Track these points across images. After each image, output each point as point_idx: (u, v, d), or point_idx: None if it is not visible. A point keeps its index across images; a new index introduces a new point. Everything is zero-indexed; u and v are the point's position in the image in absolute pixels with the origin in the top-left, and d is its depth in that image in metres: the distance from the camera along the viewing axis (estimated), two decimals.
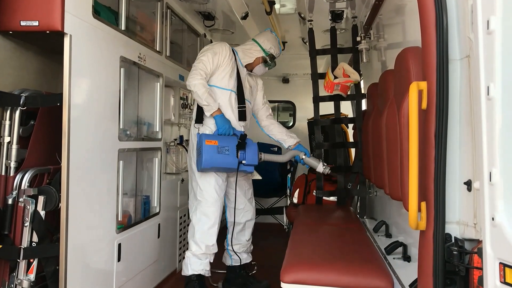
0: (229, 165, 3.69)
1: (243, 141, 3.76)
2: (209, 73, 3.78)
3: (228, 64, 3.88)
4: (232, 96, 3.91)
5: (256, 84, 4.30)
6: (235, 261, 4.22)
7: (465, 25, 1.79)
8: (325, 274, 2.54)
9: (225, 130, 3.75)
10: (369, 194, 4.55)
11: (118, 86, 3.29)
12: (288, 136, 4.26)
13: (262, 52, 4.09)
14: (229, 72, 3.89)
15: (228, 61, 3.87)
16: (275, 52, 4.16)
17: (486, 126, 1.53)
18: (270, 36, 4.18)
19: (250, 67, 4.13)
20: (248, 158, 3.73)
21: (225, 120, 3.79)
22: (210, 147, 3.60)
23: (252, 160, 3.75)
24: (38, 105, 2.78)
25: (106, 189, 3.16)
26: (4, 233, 2.65)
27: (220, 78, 3.86)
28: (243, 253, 4.25)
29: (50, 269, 2.73)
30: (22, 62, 2.94)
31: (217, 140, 3.65)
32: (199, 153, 3.64)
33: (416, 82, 1.88)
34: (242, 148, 3.71)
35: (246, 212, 4.23)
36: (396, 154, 2.54)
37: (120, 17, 3.44)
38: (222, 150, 3.63)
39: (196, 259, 3.78)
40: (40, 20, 2.57)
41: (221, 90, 3.88)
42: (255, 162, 3.77)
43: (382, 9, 3.70)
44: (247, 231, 4.27)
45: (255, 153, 3.78)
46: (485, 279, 1.53)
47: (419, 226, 1.88)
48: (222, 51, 3.84)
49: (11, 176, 2.71)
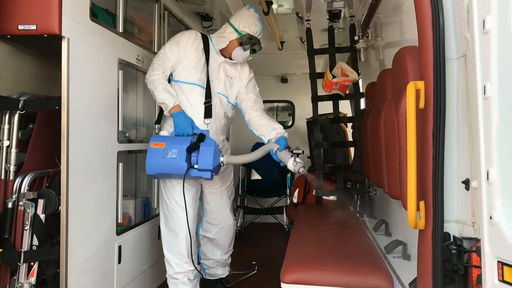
0: (175, 171, 3.12)
1: (198, 142, 3.15)
2: (169, 67, 3.34)
3: (191, 54, 3.39)
4: (196, 90, 3.38)
5: (240, 73, 3.62)
6: (210, 275, 3.88)
7: (462, 24, 1.79)
8: (325, 274, 2.55)
9: (181, 130, 3.23)
10: (369, 193, 4.55)
11: (117, 88, 3.29)
12: (270, 128, 3.47)
13: (235, 33, 3.43)
14: (192, 63, 3.38)
15: (192, 50, 3.38)
16: (252, 30, 3.43)
17: (483, 125, 1.54)
18: (244, 13, 3.49)
19: (227, 53, 3.51)
20: (201, 162, 3.12)
21: (185, 118, 3.26)
22: (154, 150, 3.13)
23: (206, 164, 3.11)
24: (36, 108, 2.79)
25: (105, 192, 3.17)
26: (4, 237, 2.66)
27: (183, 71, 3.39)
28: (218, 267, 3.87)
29: (50, 272, 2.73)
30: (20, 65, 2.94)
31: (165, 142, 3.16)
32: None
33: (414, 81, 1.89)
34: (194, 150, 3.13)
35: (220, 228, 3.74)
36: (394, 153, 2.55)
37: (117, 19, 3.44)
38: (168, 153, 3.11)
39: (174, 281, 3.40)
40: (38, 24, 2.58)
41: (184, 84, 3.39)
42: (209, 167, 3.12)
43: (379, 8, 3.70)
44: (222, 247, 3.80)
45: (210, 156, 3.13)
46: (484, 277, 1.54)
47: (418, 225, 1.89)
48: (184, 40, 3.38)
49: (10, 180, 2.71)
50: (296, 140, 7.37)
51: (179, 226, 3.34)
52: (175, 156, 3.10)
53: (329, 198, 4.87)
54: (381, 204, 4.13)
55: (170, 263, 3.40)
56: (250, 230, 6.63)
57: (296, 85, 7.62)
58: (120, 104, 3.32)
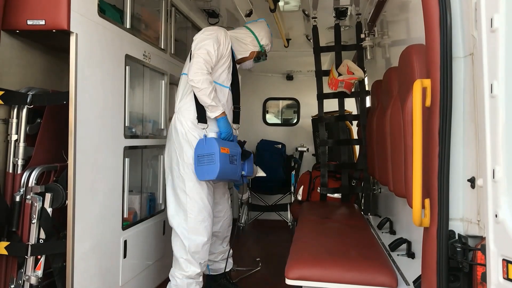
0: (233, 177, 3.24)
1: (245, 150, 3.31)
2: (213, 67, 3.25)
3: (229, 57, 3.38)
4: (229, 95, 3.46)
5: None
6: (214, 271, 3.85)
7: (469, 23, 1.79)
8: (330, 270, 2.56)
9: (227, 134, 3.28)
10: (373, 191, 4.56)
11: (124, 84, 3.31)
12: None
13: (258, 46, 3.61)
14: (228, 66, 3.39)
15: (228, 52, 3.37)
16: (269, 47, 3.70)
17: (490, 123, 1.54)
18: (267, 30, 3.68)
19: (240, 60, 3.66)
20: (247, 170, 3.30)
21: (228, 122, 3.33)
22: (224, 156, 3.12)
23: (250, 172, 3.33)
24: (44, 103, 2.81)
25: (112, 186, 3.19)
26: (12, 230, 2.69)
27: (220, 73, 3.35)
28: (221, 262, 3.84)
29: (57, 265, 2.76)
30: (29, 60, 2.96)
31: (228, 148, 3.18)
32: (210, 161, 3.13)
33: (420, 79, 1.89)
34: (245, 157, 3.29)
35: (224, 220, 3.80)
36: (400, 151, 2.56)
37: (125, 15, 3.45)
38: (232, 159, 3.19)
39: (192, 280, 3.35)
40: (47, 19, 2.59)
41: (221, 87, 3.38)
42: (250, 174, 3.36)
43: (386, 6, 3.70)
44: (225, 239, 3.87)
45: (251, 164, 3.38)
46: (489, 275, 1.54)
47: (423, 223, 1.89)
48: (225, 40, 3.32)
49: (18, 173, 2.74)
50: (301, 137, 7.39)
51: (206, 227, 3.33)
52: (237, 164, 3.24)
53: (334, 196, 4.88)
54: (386, 202, 4.14)
55: (192, 263, 3.31)
56: (254, 227, 6.65)
57: (302, 83, 7.62)
58: (127, 100, 3.34)
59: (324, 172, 4.75)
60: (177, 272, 3.36)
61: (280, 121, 8.17)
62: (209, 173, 3.14)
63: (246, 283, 4.29)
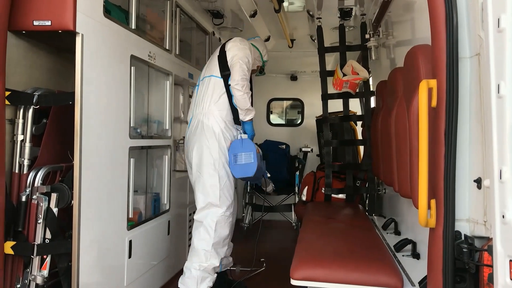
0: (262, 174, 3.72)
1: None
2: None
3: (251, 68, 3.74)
4: None
5: None
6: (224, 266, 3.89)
7: (475, 23, 1.79)
8: (335, 271, 2.55)
9: (253, 136, 3.69)
10: (378, 191, 4.55)
11: (129, 84, 3.32)
12: None
13: (261, 62, 4.00)
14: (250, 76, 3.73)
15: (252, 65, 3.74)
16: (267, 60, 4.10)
17: (497, 124, 1.53)
18: (264, 44, 4.12)
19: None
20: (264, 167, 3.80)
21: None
22: (259, 155, 3.48)
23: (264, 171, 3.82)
24: (50, 103, 2.82)
25: (117, 187, 3.20)
26: (18, 230, 2.70)
27: None
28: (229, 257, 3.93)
29: (63, 265, 2.77)
30: (35, 61, 2.98)
31: (259, 148, 3.58)
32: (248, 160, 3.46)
33: (426, 80, 1.89)
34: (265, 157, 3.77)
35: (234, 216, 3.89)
36: (405, 151, 2.55)
37: (130, 16, 3.46)
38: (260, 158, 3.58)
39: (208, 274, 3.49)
40: (53, 20, 2.60)
41: None
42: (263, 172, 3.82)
43: (391, 6, 3.69)
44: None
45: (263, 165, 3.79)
46: (495, 276, 1.54)
47: (429, 223, 1.89)
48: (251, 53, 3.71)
49: (24, 173, 2.75)
50: (305, 138, 7.39)
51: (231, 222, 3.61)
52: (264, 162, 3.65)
53: (338, 196, 4.87)
54: (391, 203, 4.13)
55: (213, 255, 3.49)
56: (258, 228, 6.64)
57: (306, 83, 7.62)
58: (132, 100, 3.35)
59: (328, 172, 4.74)
60: (195, 263, 3.48)
61: (284, 121, 8.17)
62: (247, 171, 3.46)
63: (251, 284, 4.29)
